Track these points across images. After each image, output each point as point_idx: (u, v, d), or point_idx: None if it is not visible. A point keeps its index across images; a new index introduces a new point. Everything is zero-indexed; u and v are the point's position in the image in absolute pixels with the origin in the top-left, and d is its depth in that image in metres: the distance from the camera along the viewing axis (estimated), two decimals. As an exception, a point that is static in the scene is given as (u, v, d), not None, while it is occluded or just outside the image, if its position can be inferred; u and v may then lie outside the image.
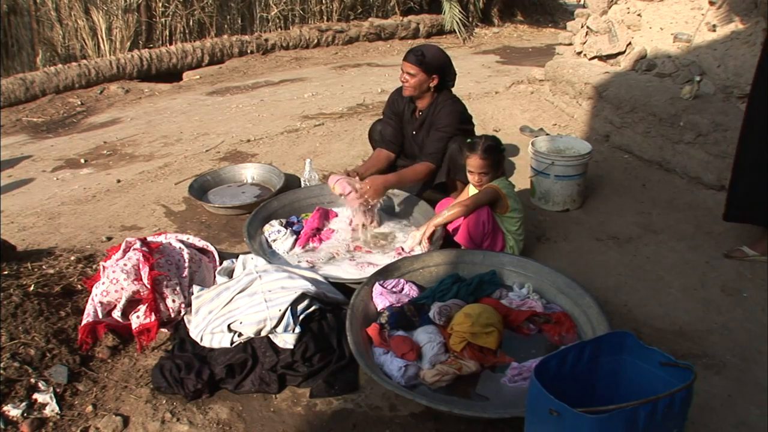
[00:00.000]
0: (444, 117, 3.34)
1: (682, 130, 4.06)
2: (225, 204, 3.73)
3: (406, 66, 3.31)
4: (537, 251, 3.22)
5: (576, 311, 2.46)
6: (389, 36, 10.44)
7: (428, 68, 3.31)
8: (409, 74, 3.31)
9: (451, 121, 3.33)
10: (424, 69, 3.30)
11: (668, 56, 4.80)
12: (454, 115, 3.36)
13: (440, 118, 3.34)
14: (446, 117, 3.34)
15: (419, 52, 3.32)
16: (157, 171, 4.40)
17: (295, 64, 8.73)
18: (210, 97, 6.89)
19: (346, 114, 5.85)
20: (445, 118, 3.33)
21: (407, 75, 3.32)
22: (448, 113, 3.35)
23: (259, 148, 4.84)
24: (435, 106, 3.39)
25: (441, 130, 3.32)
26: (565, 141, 3.88)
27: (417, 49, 3.34)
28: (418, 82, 3.32)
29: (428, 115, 3.41)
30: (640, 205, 3.75)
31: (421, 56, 3.29)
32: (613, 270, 3.04)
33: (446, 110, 3.36)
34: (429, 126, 3.40)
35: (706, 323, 2.63)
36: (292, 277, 2.47)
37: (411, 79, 3.32)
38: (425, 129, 3.43)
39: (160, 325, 2.50)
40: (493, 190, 2.91)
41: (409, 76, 3.32)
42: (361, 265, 2.95)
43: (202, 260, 2.79)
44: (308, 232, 3.21)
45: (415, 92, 3.36)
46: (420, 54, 3.30)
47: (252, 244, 3.01)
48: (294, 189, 3.67)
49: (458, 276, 2.67)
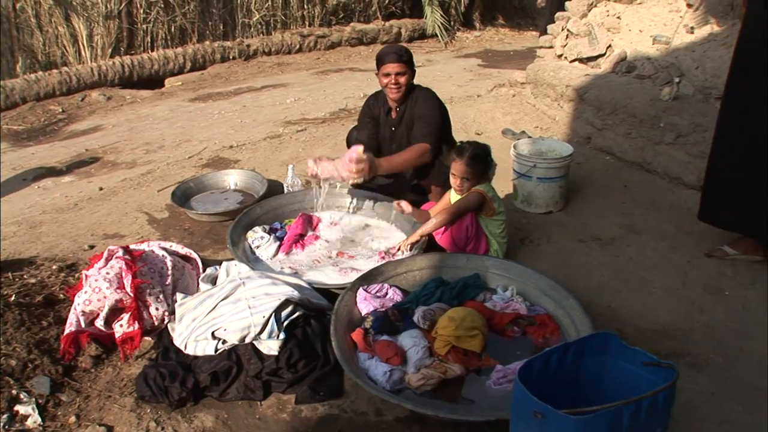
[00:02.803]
0: (423, 105, 3.31)
1: (662, 131, 4.10)
2: (208, 211, 3.72)
3: (394, 67, 3.24)
4: (520, 254, 3.23)
5: (560, 313, 2.48)
6: (371, 41, 10.45)
7: (411, 63, 3.31)
8: (399, 74, 3.26)
9: (431, 106, 3.30)
10: (410, 64, 3.29)
11: (648, 58, 4.85)
12: (433, 100, 3.34)
13: (420, 107, 3.31)
14: (425, 104, 3.31)
15: (401, 50, 3.29)
16: (140, 178, 4.37)
17: (278, 69, 8.71)
18: (192, 104, 6.86)
19: (328, 119, 5.84)
20: (424, 105, 3.30)
21: (398, 76, 3.26)
22: (426, 99, 3.33)
23: (242, 155, 4.82)
24: (411, 100, 3.37)
25: (426, 116, 3.27)
26: (546, 143, 3.90)
27: (396, 48, 3.31)
28: (408, 79, 3.29)
29: (406, 110, 3.39)
30: (622, 206, 3.78)
31: (405, 53, 3.27)
32: (596, 271, 3.06)
33: (422, 98, 3.34)
34: (409, 120, 3.37)
35: (688, 322, 2.66)
36: (275, 284, 2.46)
37: (402, 79, 3.27)
38: (405, 125, 3.40)
39: (144, 333, 2.48)
40: (479, 195, 2.92)
41: (399, 76, 3.26)
42: (345, 271, 2.94)
43: (185, 268, 2.77)
44: (292, 238, 3.20)
45: (405, 91, 3.31)
46: (402, 51, 3.27)
47: (235, 250, 2.99)
48: (277, 195, 3.65)
49: (442, 280, 2.68)
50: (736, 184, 2.91)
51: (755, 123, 2.78)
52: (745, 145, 2.83)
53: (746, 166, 2.85)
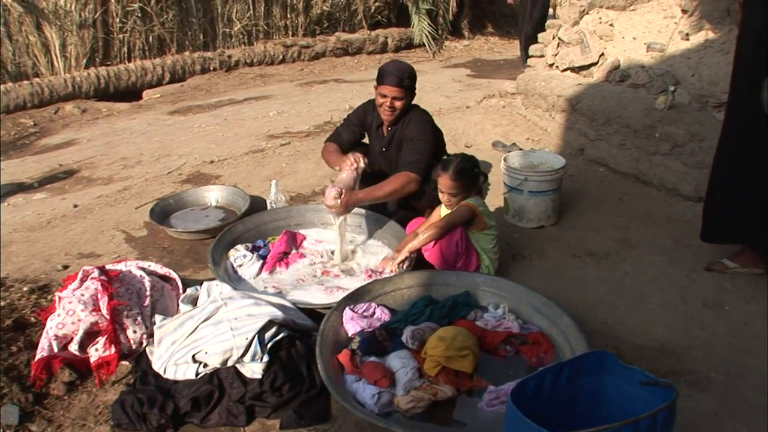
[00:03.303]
0: (414, 128, 3.28)
1: (657, 141, 4.14)
2: (188, 228, 3.71)
3: (392, 91, 3.21)
4: (512, 270, 3.24)
5: (554, 331, 2.49)
6: (356, 51, 10.51)
7: (412, 87, 3.27)
8: (396, 99, 3.23)
9: (424, 129, 3.27)
10: (409, 89, 3.26)
11: (642, 66, 4.90)
12: (425, 124, 3.32)
13: (411, 130, 3.29)
14: (416, 127, 3.28)
15: (403, 73, 3.22)
16: (117, 195, 4.35)
17: (260, 81, 8.73)
18: (171, 117, 6.85)
19: (313, 132, 5.85)
20: (416, 128, 3.27)
21: (394, 100, 3.23)
22: (419, 122, 3.30)
23: (223, 170, 4.81)
24: (403, 121, 3.35)
25: (416, 141, 3.24)
26: (538, 156, 3.94)
27: (397, 70, 3.23)
28: (405, 104, 3.27)
29: (397, 131, 3.39)
30: (617, 220, 3.81)
31: (407, 78, 3.22)
32: (591, 287, 3.08)
33: (415, 120, 3.32)
34: (399, 141, 3.37)
35: (688, 339, 2.67)
36: (258, 304, 2.45)
37: (398, 103, 3.24)
38: (395, 144, 3.41)
39: (121, 357, 2.46)
40: (468, 209, 2.94)
41: (395, 101, 3.23)
42: (331, 290, 2.94)
43: (164, 288, 2.76)
44: (275, 257, 3.20)
45: (400, 115, 3.30)
46: (405, 76, 3.21)
47: (217, 270, 2.98)
48: (260, 212, 3.66)
49: (431, 298, 2.68)
50: (740, 198, 2.90)
51: (759, 135, 2.75)
52: (749, 159, 2.82)
53: (750, 178, 2.84)
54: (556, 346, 2.44)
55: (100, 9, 7.87)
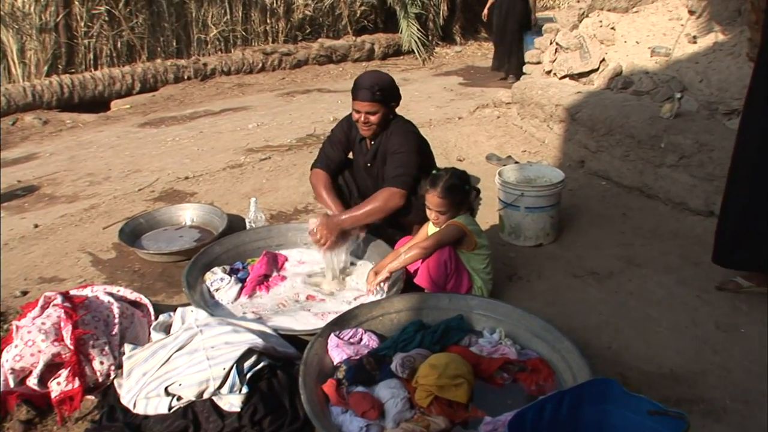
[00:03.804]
0: (396, 140, 3.30)
1: (663, 152, 4.16)
2: (161, 250, 3.70)
3: (362, 105, 3.22)
4: (508, 292, 3.25)
5: (554, 357, 2.49)
6: (341, 58, 10.58)
7: (386, 99, 3.27)
8: (369, 113, 3.23)
9: (407, 140, 3.29)
10: (384, 102, 3.26)
11: (646, 72, 4.93)
12: (408, 135, 3.34)
13: (393, 143, 3.30)
14: (399, 139, 3.30)
15: (374, 86, 3.21)
16: (82, 214, 4.33)
17: (238, 90, 8.77)
18: (142, 129, 6.85)
19: (295, 146, 5.88)
20: (398, 141, 3.29)
21: (367, 115, 3.23)
22: (401, 134, 3.32)
23: (199, 186, 4.82)
24: (387, 133, 3.37)
25: (399, 153, 3.25)
26: (535, 169, 3.97)
27: (368, 82, 3.23)
28: (381, 117, 3.27)
29: (381, 143, 3.40)
30: (621, 236, 3.83)
31: (378, 91, 3.21)
32: (593, 309, 3.08)
33: (397, 132, 3.33)
34: (384, 155, 3.38)
35: (700, 364, 2.65)
36: (237, 331, 2.45)
37: (373, 117, 3.24)
38: (379, 158, 3.43)
39: (86, 391, 2.43)
40: (456, 228, 2.94)
41: (370, 115, 3.24)
42: (315, 315, 2.94)
43: (134, 315, 2.74)
44: (255, 280, 3.20)
45: (378, 130, 3.31)
46: (376, 89, 3.20)
47: (192, 294, 2.97)
48: (238, 231, 3.66)
49: (422, 323, 2.68)
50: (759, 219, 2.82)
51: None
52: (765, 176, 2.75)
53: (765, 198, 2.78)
54: (557, 373, 2.44)
55: (63, 11, 7.84)
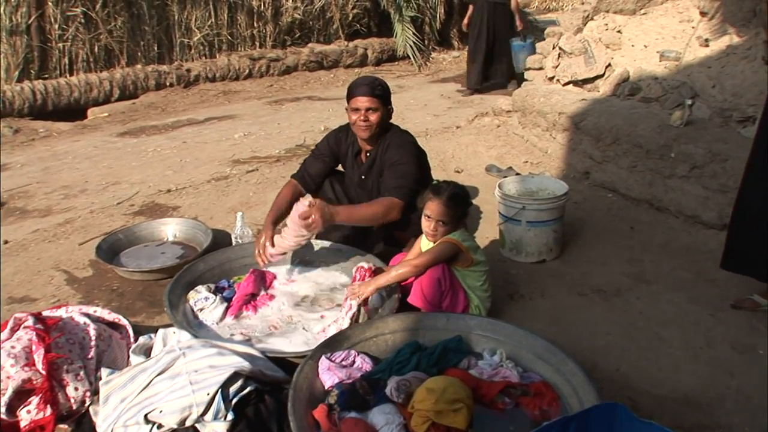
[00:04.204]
0: (395, 151, 3.35)
1: (674, 162, 4.18)
2: (141, 267, 3.70)
3: (364, 101, 3.30)
4: (509, 311, 3.26)
5: (558, 380, 2.49)
6: (332, 64, 10.62)
7: (386, 98, 3.37)
8: (371, 110, 3.31)
9: (406, 152, 3.34)
10: (383, 100, 3.35)
11: (654, 78, 4.95)
12: (407, 146, 3.39)
13: (391, 154, 3.35)
14: (398, 150, 3.35)
15: (374, 82, 3.36)
16: (56, 229, 4.33)
17: (223, 98, 8.79)
18: (121, 139, 6.86)
19: (283, 157, 5.89)
20: (397, 151, 3.34)
21: (368, 112, 3.31)
22: (399, 145, 3.38)
23: (182, 200, 4.83)
24: (383, 144, 3.42)
25: (398, 165, 3.29)
26: (537, 181, 3.99)
27: (369, 80, 3.37)
28: (381, 116, 3.35)
29: (378, 155, 3.44)
30: (628, 252, 3.84)
31: (379, 86, 3.34)
32: (600, 329, 3.09)
33: (395, 143, 3.38)
34: (380, 167, 3.42)
35: (716, 388, 2.64)
36: (222, 354, 2.45)
37: (373, 116, 3.32)
38: (375, 171, 3.46)
39: (59, 420, 2.41)
40: (451, 246, 2.95)
41: (370, 112, 3.31)
42: (306, 336, 2.94)
43: (112, 337, 2.74)
44: (241, 299, 3.19)
45: (376, 130, 3.37)
46: (377, 84, 3.34)
47: (174, 314, 2.97)
48: (224, 248, 3.66)
49: (418, 344, 2.68)
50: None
51: None
52: None
53: None
54: (562, 398, 2.44)
55: (35, 13, 7.81)
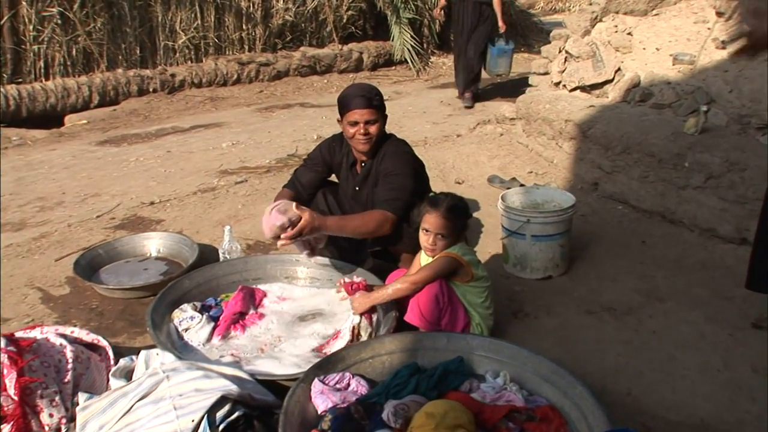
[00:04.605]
0: (391, 161, 3.36)
1: (688, 172, 4.18)
2: (122, 285, 3.70)
3: (363, 114, 3.29)
4: (513, 330, 3.26)
5: (566, 404, 2.49)
6: (326, 69, 10.65)
7: (383, 108, 3.39)
8: (370, 122, 3.32)
9: (402, 162, 3.36)
10: (381, 110, 3.37)
11: (667, 82, 4.97)
12: (403, 156, 3.41)
13: (387, 164, 3.36)
14: (394, 159, 3.37)
15: (371, 91, 3.36)
16: (31, 243, 4.33)
17: (210, 105, 8.81)
18: (101, 148, 6.88)
19: (274, 167, 5.91)
20: (392, 162, 3.36)
21: (368, 125, 3.32)
22: (395, 155, 3.39)
23: (166, 213, 4.84)
24: (380, 152, 3.43)
25: (393, 175, 3.31)
26: (543, 193, 4.01)
27: (365, 89, 3.37)
28: (380, 127, 3.36)
29: (374, 166, 3.45)
30: (640, 267, 3.85)
31: (376, 96, 3.35)
32: (610, 349, 3.09)
33: (391, 153, 3.40)
34: (375, 177, 3.43)
35: (735, 413, 2.63)
36: (209, 376, 2.44)
37: (373, 128, 3.33)
38: (370, 183, 3.47)
39: (33, 448, 2.42)
40: (450, 260, 2.95)
41: (370, 125, 3.32)
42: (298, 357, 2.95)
43: (91, 359, 2.73)
44: (229, 318, 3.19)
45: (376, 142, 3.38)
46: (373, 94, 3.35)
47: (158, 335, 2.97)
48: (211, 264, 3.66)
49: (417, 366, 2.69)
50: None
51: None
52: None
53: None
54: (570, 423, 2.45)
55: (8, 13, 7.78)
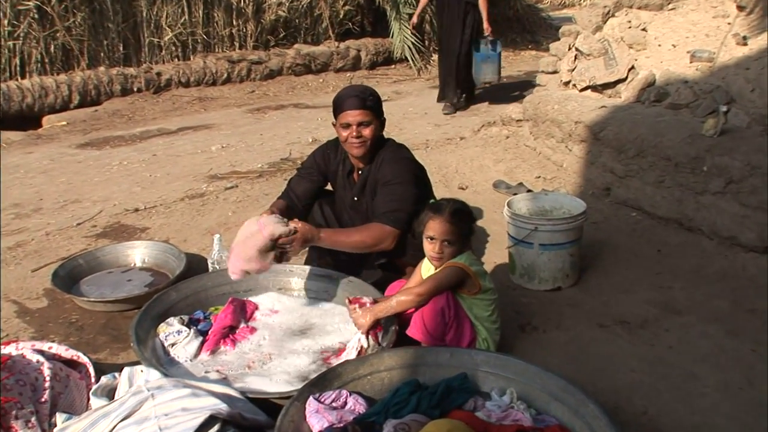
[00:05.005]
0: (390, 168, 3.35)
1: (706, 176, 4.18)
2: (104, 297, 3.70)
3: (355, 115, 3.29)
4: (520, 345, 3.26)
5: (577, 424, 2.49)
6: (321, 67, 10.66)
7: (379, 110, 3.39)
8: (363, 124, 3.31)
9: (403, 169, 3.34)
10: (377, 112, 3.36)
11: (684, 81, 4.97)
12: (403, 162, 3.40)
13: (385, 171, 3.35)
14: (393, 166, 3.35)
15: (365, 92, 3.36)
16: (6, 253, 4.33)
17: (199, 105, 8.82)
18: (82, 151, 6.89)
19: (266, 172, 5.92)
20: (392, 168, 3.34)
21: (361, 127, 3.31)
22: (394, 161, 3.38)
23: (152, 220, 4.85)
24: (377, 161, 3.43)
25: (393, 184, 3.29)
26: (551, 199, 4.02)
27: (358, 90, 3.39)
28: (375, 130, 3.35)
29: (371, 173, 3.45)
30: (656, 278, 3.85)
31: (370, 96, 3.35)
32: (624, 365, 3.08)
33: (390, 159, 3.39)
34: (374, 185, 3.43)
35: (762, 434, 2.64)
36: (197, 395, 2.45)
37: (367, 130, 3.32)
38: (369, 191, 3.47)
39: (7, 473, 2.42)
40: (456, 271, 2.94)
41: (363, 127, 3.31)
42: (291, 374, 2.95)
43: (70, 377, 2.73)
44: (218, 332, 3.19)
45: (370, 146, 3.38)
46: (368, 94, 3.35)
47: (142, 350, 2.96)
48: (199, 275, 3.67)
49: (418, 383, 2.68)
50: None
51: None
52: None
53: None
54: (580, 444, 2.45)
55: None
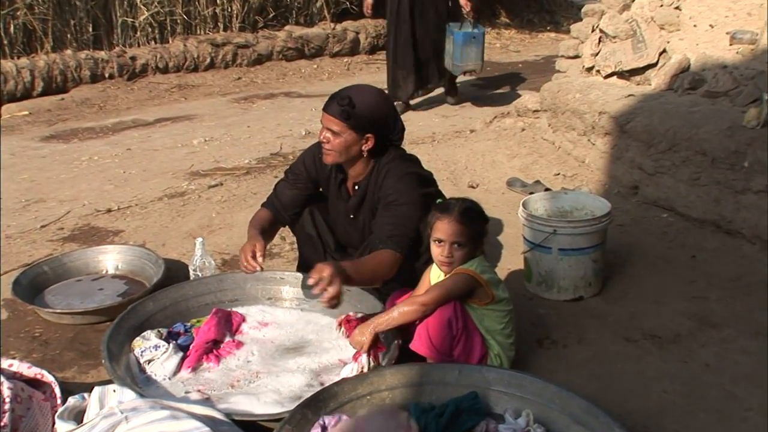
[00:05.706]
0: (393, 185, 3.30)
1: (747, 173, 4.16)
2: (72, 308, 3.70)
3: (327, 120, 3.26)
4: (537, 361, 3.26)
5: (600, 449, 2.50)
6: (316, 52, 10.63)
7: (359, 124, 3.27)
8: (331, 132, 3.26)
9: (407, 187, 3.29)
10: (353, 125, 3.25)
11: (723, 66, 4.95)
12: (407, 179, 3.33)
13: (388, 188, 3.31)
14: (397, 184, 3.30)
15: (346, 98, 3.25)
16: (-39, 260, 4.34)
17: (178, 94, 8.81)
18: (47, 144, 6.89)
19: (254, 169, 5.92)
20: (396, 186, 3.29)
21: (328, 133, 3.27)
22: (398, 177, 3.32)
23: (126, 222, 4.84)
24: (376, 174, 3.37)
25: (397, 205, 3.25)
26: (572, 198, 4.02)
27: (343, 93, 3.29)
28: (344, 144, 3.27)
29: (368, 190, 3.41)
30: (689, 287, 3.84)
31: (349, 105, 3.23)
32: (654, 385, 3.07)
33: (393, 174, 3.33)
34: (372, 204, 3.40)
35: (807, 461, 2.62)
36: (176, 417, 2.45)
37: (334, 140, 3.26)
38: (367, 210, 3.44)
39: (-34, 505, 2.43)
40: (466, 278, 2.93)
41: (331, 134, 3.26)
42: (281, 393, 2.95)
43: (33, 398, 2.73)
44: (201, 347, 3.19)
45: (339, 158, 3.32)
46: (347, 102, 3.24)
47: (115, 368, 2.96)
48: (179, 283, 3.67)
49: (424, 404, 2.69)
50: None
51: None
52: None
53: None
54: (604, 471, 2.45)
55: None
